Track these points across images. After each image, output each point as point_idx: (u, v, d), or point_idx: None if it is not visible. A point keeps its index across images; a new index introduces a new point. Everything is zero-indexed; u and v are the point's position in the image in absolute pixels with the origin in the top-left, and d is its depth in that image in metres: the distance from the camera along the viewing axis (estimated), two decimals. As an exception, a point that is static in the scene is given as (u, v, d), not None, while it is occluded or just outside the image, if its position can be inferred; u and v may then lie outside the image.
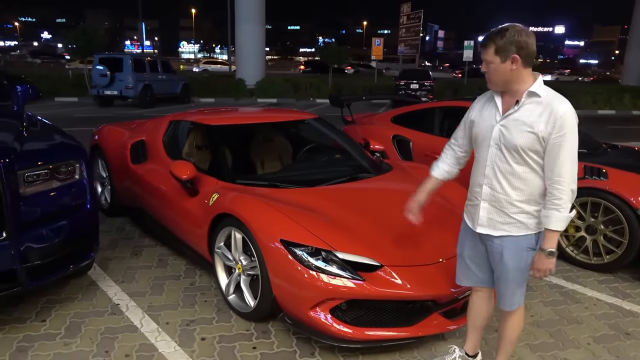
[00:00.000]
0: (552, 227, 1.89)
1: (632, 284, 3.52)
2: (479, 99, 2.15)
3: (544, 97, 1.89)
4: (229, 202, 2.86)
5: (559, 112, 1.84)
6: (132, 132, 4.31)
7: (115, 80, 14.43)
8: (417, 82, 17.67)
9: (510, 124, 1.93)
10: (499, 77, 1.93)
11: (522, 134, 1.88)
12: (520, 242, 2.00)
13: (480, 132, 2.05)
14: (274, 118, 4.05)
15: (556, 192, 1.87)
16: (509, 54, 1.87)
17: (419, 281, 2.48)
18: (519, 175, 1.95)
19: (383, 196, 3.18)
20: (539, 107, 1.88)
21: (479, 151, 2.08)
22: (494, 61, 1.91)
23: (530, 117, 1.88)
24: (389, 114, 5.60)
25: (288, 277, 2.48)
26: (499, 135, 1.96)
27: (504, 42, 1.87)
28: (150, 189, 3.71)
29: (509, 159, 1.94)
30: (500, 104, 2.00)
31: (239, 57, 22.01)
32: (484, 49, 1.92)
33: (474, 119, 2.11)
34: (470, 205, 2.15)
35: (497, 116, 1.99)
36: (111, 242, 3.98)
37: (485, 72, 1.96)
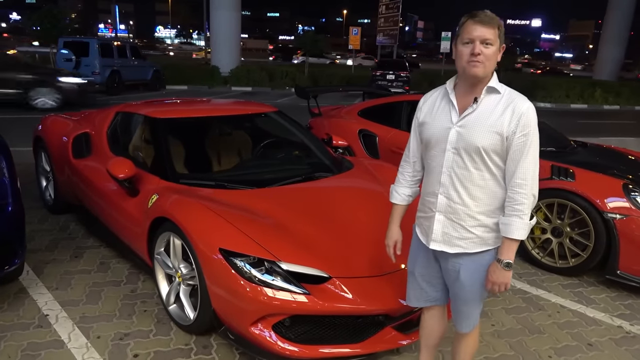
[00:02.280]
0: (512, 236, 1.69)
1: (597, 288, 3.42)
2: (425, 99, 1.92)
3: (503, 93, 1.73)
4: (168, 204, 2.61)
5: (522, 109, 1.68)
6: (76, 124, 4.00)
7: (81, 66, 13.82)
8: (393, 73, 17.49)
9: (470, 124, 1.72)
10: (493, 64, 1.70)
11: (484, 134, 1.69)
12: (478, 259, 1.80)
13: (434, 135, 1.80)
14: (228, 111, 3.79)
15: (518, 197, 1.68)
16: (501, 43, 1.71)
17: (371, 294, 2.29)
18: (478, 183, 1.74)
19: (338, 198, 2.96)
20: (499, 105, 1.71)
21: (432, 157, 1.83)
22: (495, 43, 1.67)
23: (492, 115, 1.70)
24: (356, 107, 5.39)
25: (227, 289, 2.25)
26: (456, 138, 1.74)
27: (502, 31, 1.70)
28: (91, 186, 3.43)
29: (468, 164, 1.73)
30: (456, 102, 1.77)
31: (214, 44, 21.46)
32: (487, 27, 1.65)
33: (423, 121, 1.87)
34: (423, 218, 1.91)
35: (454, 116, 1.76)
36: (51, 243, 3.68)
37: (478, 54, 1.65)
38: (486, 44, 1.66)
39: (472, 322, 1.93)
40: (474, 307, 1.89)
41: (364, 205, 2.90)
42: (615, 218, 3.25)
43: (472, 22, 1.67)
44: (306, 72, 20.59)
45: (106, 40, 15.38)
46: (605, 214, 3.27)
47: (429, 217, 1.87)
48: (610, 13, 29.57)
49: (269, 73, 19.66)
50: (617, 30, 29.28)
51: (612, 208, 3.27)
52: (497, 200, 1.75)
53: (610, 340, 2.78)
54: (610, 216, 3.26)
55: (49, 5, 17.77)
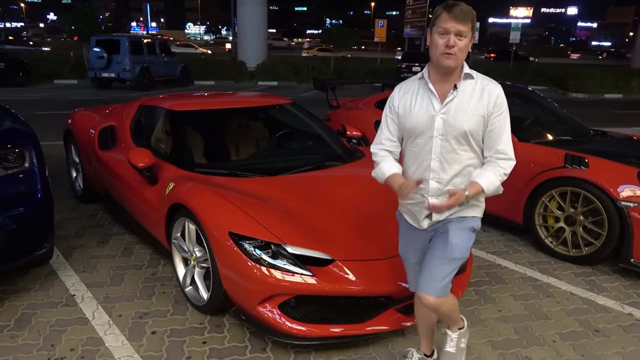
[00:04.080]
0: (481, 183, 1.84)
1: (610, 277, 3.39)
2: (400, 89, 1.98)
3: (476, 78, 1.87)
4: (183, 192, 2.76)
5: (496, 93, 1.84)
6: (102, 117, 4.21)
7: (112, 63, 14.29)
8: (419, 65, 17.33)
9: (453, 110, 1.84)
10: (464, 55, 1.80)
11: (469, 118, 1.83)
12: (463, 221, 1.94)
13: (419, 124, 1.89)
14: (244, 103, 3.92)
15: (504, 164, 1.86)
16: (474, 33, 1.81)
17: (373, 276, 2.38)
18: (465, 163, 1.89)
19: (345, 186, 3.05)
20: (475, 89, 1.85)
21: (417, 144, 1.92)
22: (468, 35, 1.77)
23: (472, 100, 1.84)
24: (374, 98, 5.45)
25: (236, 270, 2.38)
26: (442, 125, 1.85)
27: (475, 19, 1.79)
28: (116, 176, 3.62)
29: (456, 147, 1.86)
30: (435, 90, 1.86)
31: (241, 39, 21.72)
32: (462, 21, 1.74)
33: (403, 112, 1.93)
34: (412, 204, 1.99)
35: (436, 104, 1.86)
36: (80, 230, 3.91)
37: (452, 46, 1.75)
38: (460, 36, 1.76)
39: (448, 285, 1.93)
40: (452, 268, 1.91)
41: (370, 191, 2.97)
42: (629, 206, 3.21)
43: (447, 16, 1.75)
44: (332, 66, 20.62)
45: (136, 38, 15.80)
46: (619, 202, 3.24)
47: (419, 202, 1.96)
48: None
49: (294, 67, 19.79)
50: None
51: (625, 196, 3.23)
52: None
53: (619, 327, 2.77)
54: (623, 204, 3.22)
55: (82, 5, 18.40)
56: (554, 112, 4.72)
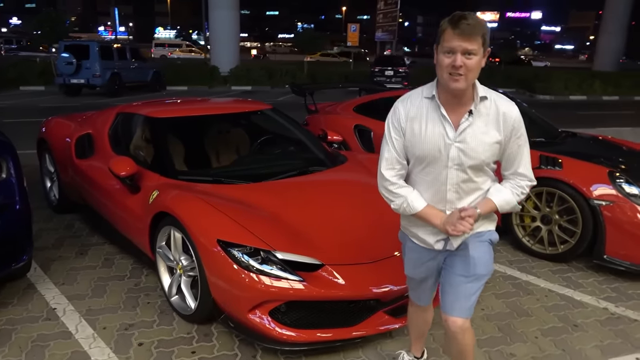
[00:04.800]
0: (495, 200, 1.75)
1: (585, 273, 3.52)
2: (405, 106, 1.75)
3: (490, 98, 1.70)
4: (168, 200, 2.73)
5: (513, 116, 1.70)
6: (78, 125, 4.12)
7: (82, 69, 13.96)
8: (391, 68, 17.58)
9: (470, 139, 1.67)
10: (476, 74, 1.62)
11: (487, 148, 1.69)
12: (482, 235, 1.84)
13: (430, 153, 1.72)
14: (225, 109, 3.91)
15: (523, 184, 1.78)
16: (486, 47, 1.62)
17: (362, 280, 2.41)
18: (480, 188, 1.78)
19: (332, 190, 3.08)
20: (491, 112, 1.69)
21: (429, 172, 1.76)
22: (478, 53, 1.58)
23: (488, 125, 1.68)
24: (352, 103, 5.50)
25: (225, 278, 2.37)
26: (458, 155, 1.69)
27: (487, 34, 1.60)
28: (94, 185, 3.55)
29: (472, 176, 1.73)
30: (447, 115, 1.69)
31: (213, 44, 21.56)
32: (470, 38, 1.55)
33: (411, 135, 1.74)
34: (424, 232, 1.86)
35: (450, 132, 1.69)
36: (57, 241, 3.81)
37: (459, 66, 1.56)
38: (468, 54, 1.57)
39: (472, 305, 1.85)
40: (479, 287, 1.83)
41: (357, 196, 3.02)
42: (602, 205, 3.35)
43: (452, 33, 1.57)
44: (305, 70, 20.67)
45: (106, 43, 15.50)
46: (592, 201, 3.37)
47: (434, 230, 1.82)
48: (609, 3, 29.49)
49: (268, 71, 19.76)
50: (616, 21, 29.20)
51: (598, 195, 3.37)
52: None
53: (596, 321, 2.88)
54: (596, 203, 3.36)
55: (48, 9, 17.92)
56: (527, 114, 4.84)
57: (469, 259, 1.81)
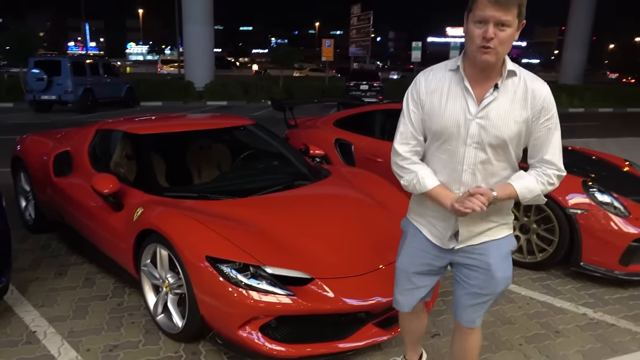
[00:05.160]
0: (515, 186, 1.59)
1: (563, 280, 3.63)
2: (427, 78, 1.66)
3: (520, 74, 1.58)
4: (153, 217, 2.70)
5: (543, 94, 1.57)
6: (56, 142, 4.04)
7: (53, 85, 13.70)
8: (366, 83, 17.84)
9: (493, 115, 1.55)
10: (508, 47, 1.49)
11: (510, 125, 1.55)
12: (503, 245, 1.74)
13: (447, 128, 1.60)
14: (208, 125, 3.90)
15: (552, 174, 1.62)
16: (522, 19, 1.49)
17: (352, 293, 2.42)
18: (499, 173, 1.63)
19: (318, 204, 3.11)
20: (519, 89, 1.56)
21: (446, 150, 1.64)
22: (513, 25, 1.46)
23: (514, 104, 1.56)
24: (332, 117, 5.56)
25: (215, 294, 2.36)
26: (478, 132, 1.57)
27: (525, 6, 1.48)
28: (74, 203, 3.48)
29: (492, 157, 1.60)
30: (471, 89, 1.57)
31: (187, 59, 21.50)
32: (506, 7, 1.42)
33: (430, 109, 1.64)
34: (435, 218, 1.75)
35: (472, 106, 1.57)
36: (34, 262, 3.70)
37: (490, 38, 1.44)
38: (502, 25, 1.44)
39: (483, 313, 1.86)
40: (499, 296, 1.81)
41: (342, 209, 3.06)
42: (577, 213, 3.47)
43: (486, 1, 1.44)
44: (281, 85, 20.78)
45: (78, 58, 15.26)
46: (568, 210, 3.49)
47: (446, 217, 1.71)
48: (572, 19, 30.81)
49: (244, 87, 19.77)
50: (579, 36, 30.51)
51: (573, 204, 3.49)
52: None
53: (576, 327, 2.97)
54: (572, 212, 3.48)
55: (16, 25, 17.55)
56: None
57: (492, 279, 1.72)
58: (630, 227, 3.38)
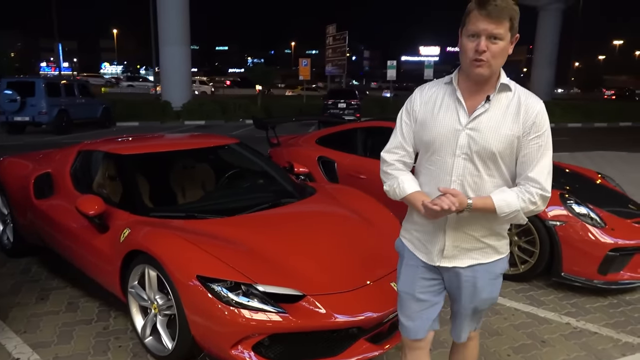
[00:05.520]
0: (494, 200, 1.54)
1: (546, 290, 3.71)
2: (421, 92, 1.70)
3: (514, 90, 1.59)
4: (141, 237, 2.68)
5: (535, 109, 1.55)
6: (36, 164, 3.97)
7: (26, 106, 13.43)
8: (344, 101, 18.07)
9: (483, 127, 1.56)
10: (502, 61, 1.52)
11: (500, 137, 1.55)
12: (492, 269, 1.70)
13: (437, 138, 1.61)
14: (192, 144, 3.91)
15: (534, 193, 1.54)
16: (515, 33, 1.51)
17: (344, 308, 2.43)
18: (489, 190, 1.60)
19: (306, 221, 3.13)
20: (512, 104, 1.57)
21: (434, 161, 1.64)
22: (505, 38, 1.47)
23: (506, 117, 1.56)
24: (314, 135, 5.62)
25: (206, 314, 2.34)
26: (467, 142, 1.57)
27: (517, 19, 1.49)
28: (57, 225, 3.42)
29: (481, 170, 1.58)
30: (463, 100, 1.59)
31: (164, 79, 21.41)
32: (497, 20, 1.44)
33: (423, 120, 1.65)
34: (421, 233, 1.73)
35: (462, 117, 1.58)
36: (14, 287, 3.60)
37: (483, 51, 1.47)
38: (494, 39, 1.46)
39: (471, 329, 1.88)
40: (483, 314, 1.84)
41: (329, 226, 3.09)
42: (556, 225, 3.58)
43: (478, 14, 1.46)
44: (259, 104, 20.86)
45: (53, 79, 15.05)
46: (547, 222, 3.59)
47: (432, 231, 1.69)
48: (539, 40, 32.09)
49: (222, 106, 19.77)
50: (546, 55, 31.75)
51: (552, 216, 3.60)
52: None
53: (561, 336, 3.04)
54: (551, 224, 3.58)
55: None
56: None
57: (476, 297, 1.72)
58: (607, 237, 3.51)
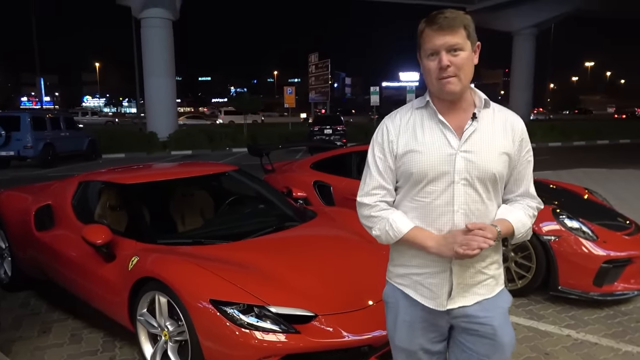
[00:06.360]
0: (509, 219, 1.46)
1: (544, 304, 3.80)
2: (392, 122, 1.53)
3: (492, 106, 1.52)
4: (150, 264, 2.71)
5: (519, 125, 1.51)
6: (35, 197, 3.98)
7: (11, 140, 13.34)
8: (330, 127, 18.32)
9: (477, 147, 1.44)
10: (470, 72, 1.43)
11: (497, 157, 1.45)
12: (499, 303, 1.54)
13: (432, 167, 1.44)
14: (193, 172, 3.96)
15: (535, 207, 1.54)
16: (475, 40, 1.44)
17: (355, 327, 2.48)
18: (489, 216, 1.47)
19: (311, 244, 3.19)
20: (496, 120, 1.48)
21: (429, 193, 1.46)
22: (465, 47, 1.40)
23: (495, 134, 1.46)
24: (308, 160, 5.72)
25: (220, 338, 2.36)
26: (465, 166, 1.43)
27: (472, 26, 1.43)
28: (59, 257, 3.41)
29: (483, 195, 1.45)
30: (447, 121, 1.46)
31: (149, 111, 21.55)
32: (451, 31, 1.38)
33: (407, 150, 1.47)
34: (425, 275, 1.51)
35: (452, 140, 1.44)
36: (14, 321, 3.55)
37: (447, 66, 1.38)
38: (454, 50, 1.39)
39: None
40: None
41: (334, 247, 3.16)
42: (551, 240, 3.69)
43: (431, 31, 1.40)
44: (245, 132, 21.00)
45: (38, 113, 15.00)
46: (542, 237, 3.71)
47: (437, 272, 1.49)
48: (516, 62, 33.16)
49: (208, 135, 19.85)
50: (523, 78, 32.80)
51: (547, 231, 3.72)
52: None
53: (563, 348, 3.11)
54: (546, 238, 3.70)
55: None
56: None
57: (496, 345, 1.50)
58: (600, 250, 3.63)
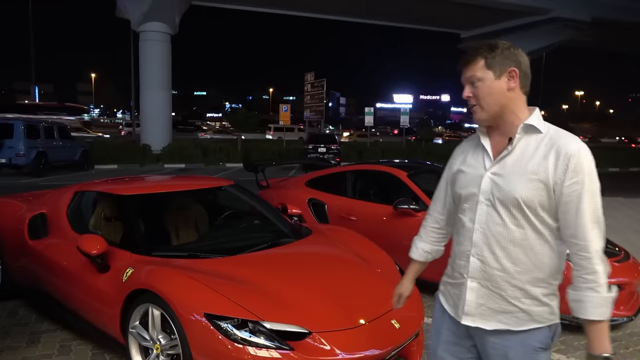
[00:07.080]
0: (591, 317, 1.33)
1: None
2: (461, 147, 1.67)
3: (546, 132, 1.44)
4: (145, 276, 2.70)
5: (570, 151, 1.37)
6: (29, 205, 3.96)
7: (3, 147, 13.26)
8: (324, 145, 18.43)
9: (506, 171, 1.44)
10: (494, 100, 1.45)
11: (525, 182, 1.40)
12: (528, 340, 1.45)
13: (466, 185, 1.53)
14: (189, 186, 3.98)
15: (586, 264, 1.35)
16: (506, 67, 1.44)
17: (348, 345, 2.48)
18: (519, 243, 1.43)
19: (305, 260, 3.20)
20: (541, 146, 1.42)
21: (464, 211, 1.54)
22: (484, 77, 1.45)
23: (533, 159, 1.41)
24: (303, 177, 5.75)
25: (213, 353, 2.36)
26: (490, 187, 1.46)
27: (497, 55, 1.45)
28: (52, 266, 3.39)
29: (506, 219, 1.43)
30: (489, 145, 1.51)
31: (144, 123, 21.56)
32: (468, 66, 1.48)
33: (458, 170, 1.60)
34: (451, 284, 1.61)
35: (486, 162, 1.50)
36: (2, 330, 3.50)
37: (469, 97, 1.49)
38: (472, 82, 1.47)
39: None
40: None
41: (329, 265, 3.17)
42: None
43: (460, 69, 1.52)
44: (239, 148, 21.04)
45: (32, 121, 14.95)
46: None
47: (458, 284, 1.56)
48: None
49: (202, 149, 19.87)
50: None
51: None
52: (548, 262, 1.44)
53: (559, 373, 3.13)
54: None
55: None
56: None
57: None
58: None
